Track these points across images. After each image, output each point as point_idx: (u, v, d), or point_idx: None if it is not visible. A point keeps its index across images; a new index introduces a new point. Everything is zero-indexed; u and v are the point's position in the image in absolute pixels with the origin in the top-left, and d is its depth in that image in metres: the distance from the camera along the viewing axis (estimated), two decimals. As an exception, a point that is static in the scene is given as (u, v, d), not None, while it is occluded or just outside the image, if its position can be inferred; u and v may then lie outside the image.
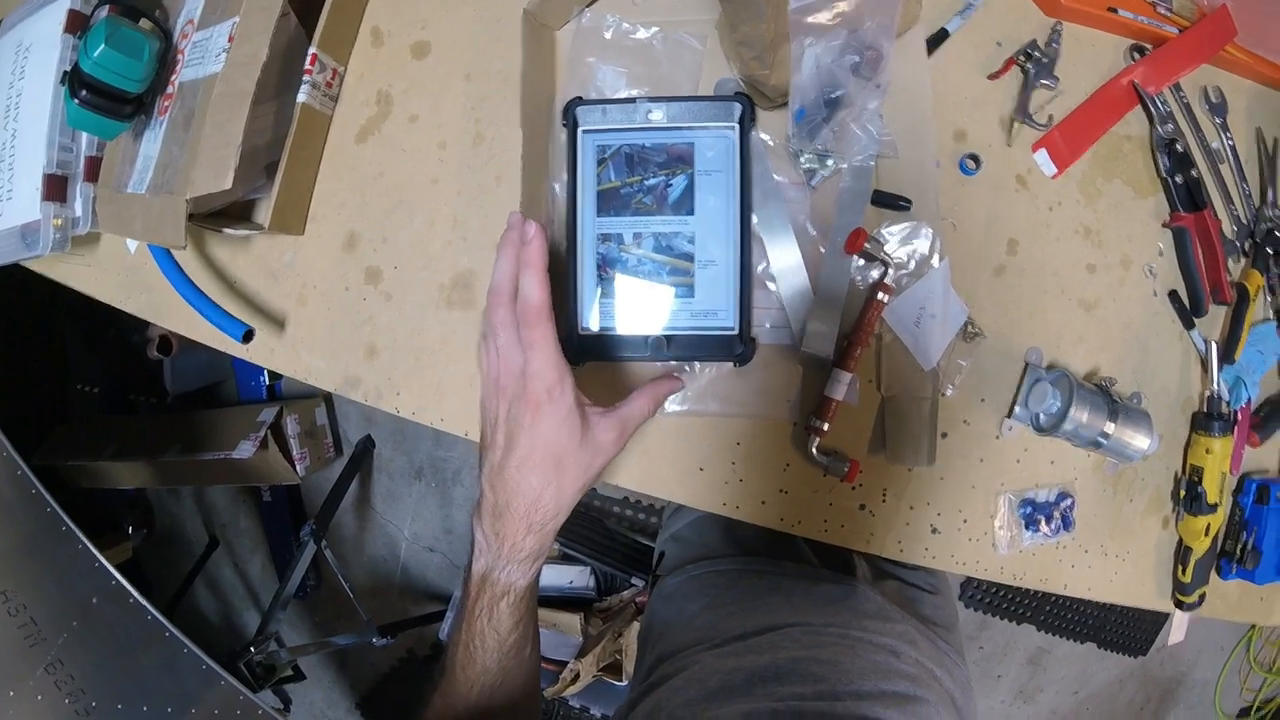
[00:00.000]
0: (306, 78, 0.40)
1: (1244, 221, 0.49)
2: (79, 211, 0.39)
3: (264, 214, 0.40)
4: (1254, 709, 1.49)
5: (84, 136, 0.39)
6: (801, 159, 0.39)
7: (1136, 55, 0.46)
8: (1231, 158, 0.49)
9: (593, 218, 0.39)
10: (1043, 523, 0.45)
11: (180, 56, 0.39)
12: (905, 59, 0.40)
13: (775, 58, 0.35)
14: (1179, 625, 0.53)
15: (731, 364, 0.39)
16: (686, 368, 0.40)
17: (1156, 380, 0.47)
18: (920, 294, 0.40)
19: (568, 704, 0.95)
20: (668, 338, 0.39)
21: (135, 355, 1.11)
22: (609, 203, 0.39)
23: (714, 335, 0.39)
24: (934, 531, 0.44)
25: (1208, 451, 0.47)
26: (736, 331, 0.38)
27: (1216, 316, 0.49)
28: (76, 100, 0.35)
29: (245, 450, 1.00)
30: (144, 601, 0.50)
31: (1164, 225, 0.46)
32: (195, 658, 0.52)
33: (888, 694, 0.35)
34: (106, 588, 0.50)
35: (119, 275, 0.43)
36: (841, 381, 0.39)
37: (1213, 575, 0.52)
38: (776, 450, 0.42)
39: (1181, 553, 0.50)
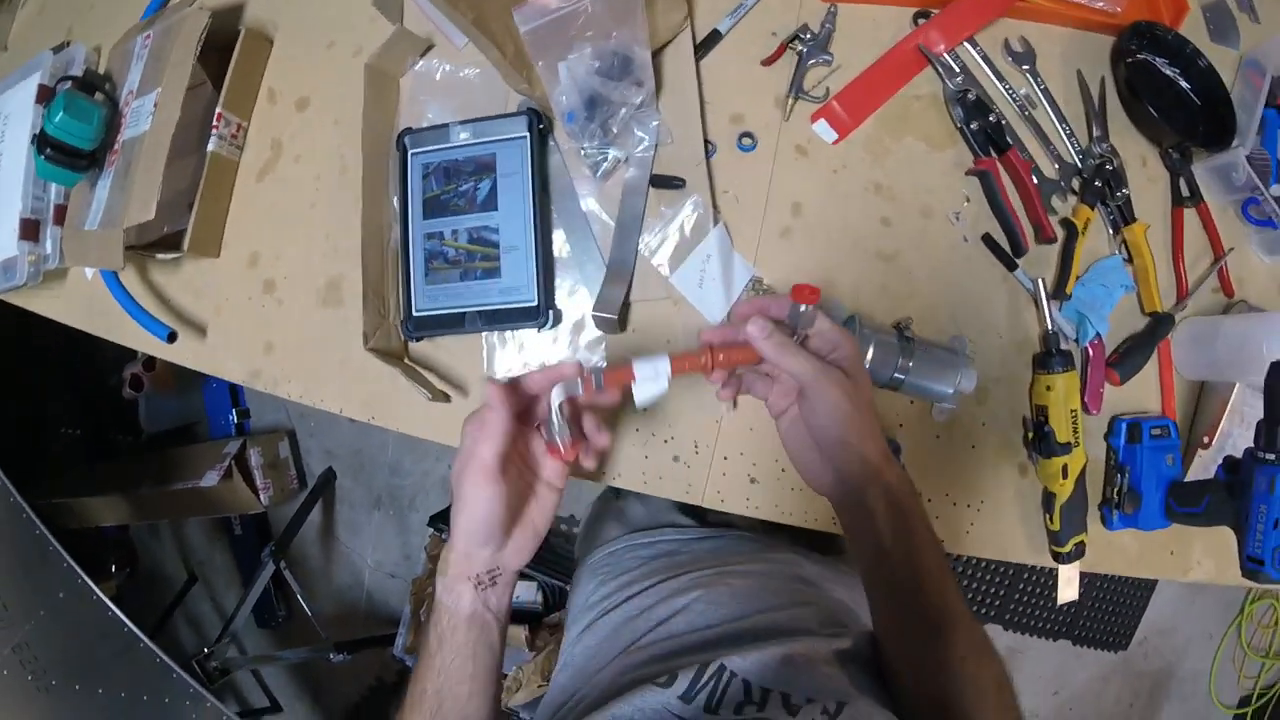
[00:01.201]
0: (214, 131, 0.52)
1: (1068, 160, 0.50)
2: (49, 249, 0.52)
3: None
4: (1255, 696, 1.30)
5: (53, 188, 0.52)
6: (583, 155, 0.45)
7: (921, 20, 0.49)
8: (1045, 101, 0.50)
9: (420, 221, 0.47)
10: (867, 468, 0.46)
11: (124, 120, 0.51)
12: (675, 59, 0.46)
13: (530, 75, 0.42)
14: (1065, 580, 0.50)
15: (536, 330, 0.45)
16: (508, 335, 0.47)
17: (982, 324, 0.48)
18: (699, 259, 0.44)
19: (518, 716, 0.98)
20: (481, 312, 0.46)
21: (112, 396, 1.26)
22: (432, 208, 0.47)
23: (520, 307, 0.45)
24: (753, 481, 0.46)
25: (1049, 389, 0.46)
26: (537, 303, 0.45)
27: (1048, 256, 0.49)
28: (43, 156, 0.48)
29: (211, 479, 1.09)
30: (104, 598, 0.59)
31: (967, 173, 0.48)
32: (150, 651, 0.59)
33: (766, 609, 0.37)
34: (73, 585, 0.59)
35: (81, 303, 0.56)
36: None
37: (1099, 528, 0.50)
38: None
39: (1046, 500, 0.48)
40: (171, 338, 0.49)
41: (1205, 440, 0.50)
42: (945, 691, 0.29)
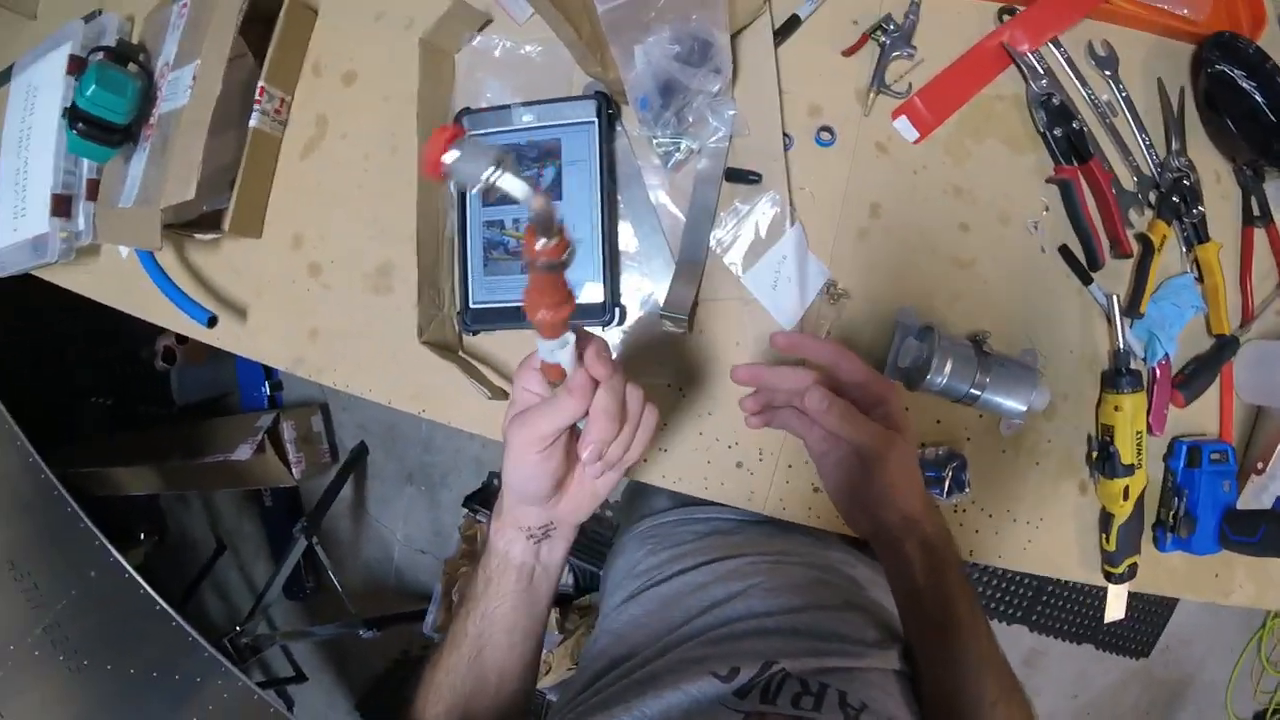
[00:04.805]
0: (256, 106, 0.49)
1: (1146, 173, 0.48)
2: (82, 225, 0.50)
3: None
4: (1269, 712, 1.33)
5: (85, 162, 0.50)
6: (655, 144, 0.43)
7: (1006, 17, 0.47)
8: (1126, 109, 0.48)
9: (479, 208, 0.45)
10: (932, 483, 0.45)
11: (160, 93, 0.48)
12: (752, 44, 0.44)
13: (604, 57, 0.39)
14: (1115, 599, 0.50)
15: (601, 328, 0.44)
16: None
17: (1055, 337, 0.47)
18: (774, 259, 0.43)
19: (546, 698, 0.98)
20: (543, 308, 0.44)
21: (144, 368, 1.24)
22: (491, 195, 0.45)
23: (585, 304, 0.43)
24: (816, 490, 0.45)
25: (1117, 409, 0.45)
26: (603, 299, 0.43)
27: (1122, 271, 0.48)
28: (74, 131, 0.45)
29: (244, 452, 1.07)
30: (137, 576, 0.57)
31: (1047, 180, 0.47)
32: (182, 630, 0.58)
33: (823, 605, 0.37)
34: (104, 563, 0.58)
35: (115, 280, 0.53)
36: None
37: (1150, 548, 0.50)
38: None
39: (1104, 519, 0.48)
40: (212, 322, 0.47)
41: (1259, 466, 0.49)
42: None
